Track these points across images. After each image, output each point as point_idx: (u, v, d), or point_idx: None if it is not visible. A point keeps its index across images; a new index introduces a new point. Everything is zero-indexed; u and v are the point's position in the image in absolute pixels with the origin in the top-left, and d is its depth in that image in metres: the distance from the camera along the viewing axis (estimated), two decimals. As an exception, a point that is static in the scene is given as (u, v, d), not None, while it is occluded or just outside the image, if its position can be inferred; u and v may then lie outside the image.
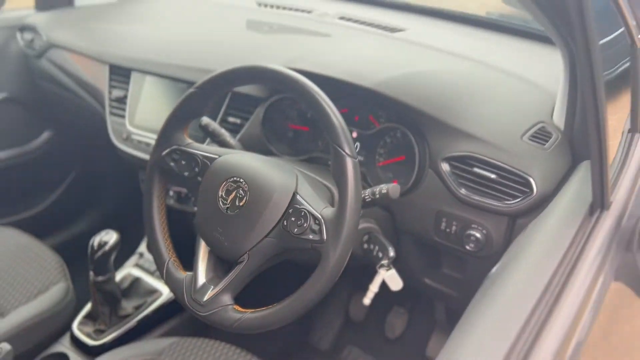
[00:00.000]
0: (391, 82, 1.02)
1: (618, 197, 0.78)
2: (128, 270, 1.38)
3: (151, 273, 1.37)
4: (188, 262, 0.90)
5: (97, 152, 1.70)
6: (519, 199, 0.88)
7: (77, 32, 1.55)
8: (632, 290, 0.75)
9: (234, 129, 1.17)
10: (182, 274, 0.88)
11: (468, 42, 1.28)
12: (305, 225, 0.78)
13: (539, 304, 0.55)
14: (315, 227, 0.77)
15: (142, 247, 1.44)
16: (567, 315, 0.56)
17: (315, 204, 0.79)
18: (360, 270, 1.01)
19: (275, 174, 0.83)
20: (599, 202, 0.73)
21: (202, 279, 0.86)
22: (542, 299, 0.56)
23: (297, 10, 1.51)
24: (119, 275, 1.34)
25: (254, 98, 1.16)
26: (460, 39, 1.30)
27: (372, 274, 0.98)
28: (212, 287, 0.84)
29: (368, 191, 0.85)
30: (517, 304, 0.55)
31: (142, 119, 1.33)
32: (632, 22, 0.83)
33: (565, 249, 0.64)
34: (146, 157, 1.25)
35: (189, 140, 0.92)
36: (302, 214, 0.78)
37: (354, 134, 1.10)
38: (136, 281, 1.34)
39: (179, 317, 1.31)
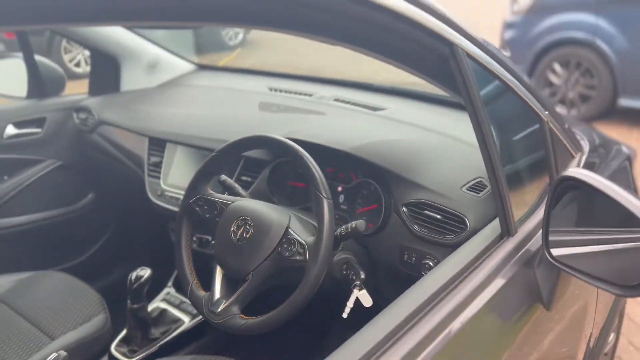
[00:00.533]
0: (364, 147, 1.34)
1: (526, 228, 1.05)
2: (157, 304, 1.66)
3: (176, 306, 1.64)
4: (206, 285, 1.18)
5: (133, 209, 2.02)
6: (457, 234, 1.15)
7: (123, 112, 1.91)
8: (537, 300, 1.00)
9: (245, 185, 1.48)
10: (202, 293, 1.16)
11: (432, 116, 1.60)
12: (293, 249, 1.06)
13: (427, 303, 0.81)
14: (301, 251, 1.05)
15: (169, 284, 1.72)
16: (451, 308, 0.82)
17: (302, 235, 1.08)
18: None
19: (273, 214, 1.13)
20: (505, 231, 1.00)
21: (217, 295, 1.13)
22: (434, 299, 0.82)
23: (300, 93, 1.86)
24: (150, 307, 1.61)
25: (262, 161, 1.48)
26: (426, 114, 1.63)
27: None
28: (224, 300, 1.11)
29: (343, 227, 1.13)
30: (406, 304, 0.80)
31: (173, 179, 1.66)
32: (535, 104, 1.13)
33: (466, 262, 0.90)
34: (176, 209, 1.56)
35: (211, 191, 1.23)
36: (292, 241, 1.07)
37: (339, 188, 1.39)
38: (163, 312, 1.62)
39: (197, 342, 1.57)
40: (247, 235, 1.11)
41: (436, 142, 1.41)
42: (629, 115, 5.20)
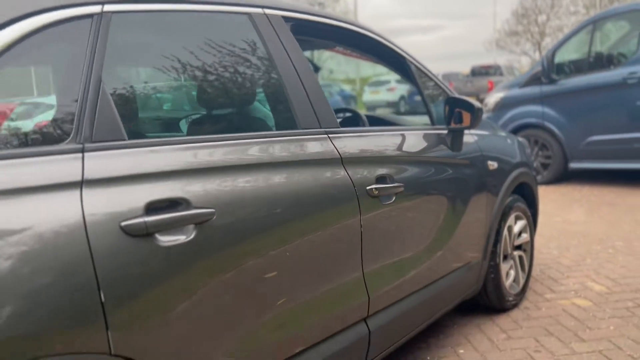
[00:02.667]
0: (383, 115, 3.03)
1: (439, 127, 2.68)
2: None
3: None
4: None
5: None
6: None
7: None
8: (445, 145, 2.59)
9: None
10: None
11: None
12: None
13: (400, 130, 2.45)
14: None
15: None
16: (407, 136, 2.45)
17: None
18: None
19: None
20: (431, 124, 2.63)
21: None
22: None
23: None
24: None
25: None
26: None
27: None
28: None
29: None
30: None
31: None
32: (445, 88, 2.82)
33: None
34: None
35: None
36: None
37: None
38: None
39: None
40: None
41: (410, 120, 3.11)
42: (579, 175, 6.86)
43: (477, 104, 2.46)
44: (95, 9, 1.36)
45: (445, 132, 2.55)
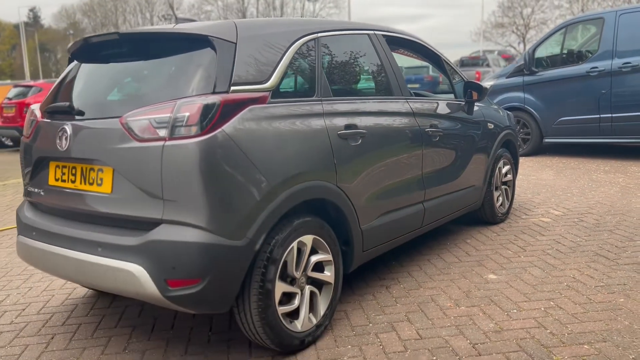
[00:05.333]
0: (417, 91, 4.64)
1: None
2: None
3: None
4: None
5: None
6: (445, 108, 4.40)
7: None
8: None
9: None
10: None
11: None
12: None
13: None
14: None
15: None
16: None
17: None
18: None
19: None
20: (454, 96, 4.24)
21: None
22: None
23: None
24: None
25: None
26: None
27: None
28: None
29: None
30: None
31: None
32: (462, 75, 4.40)
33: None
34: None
35: None
36: None
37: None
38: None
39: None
40: None
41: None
42: (552, 148, 8.56)
43: (484, 85, 4.08)
44: (315, 35, 2.94)
45: (463, 103, 4.17)
